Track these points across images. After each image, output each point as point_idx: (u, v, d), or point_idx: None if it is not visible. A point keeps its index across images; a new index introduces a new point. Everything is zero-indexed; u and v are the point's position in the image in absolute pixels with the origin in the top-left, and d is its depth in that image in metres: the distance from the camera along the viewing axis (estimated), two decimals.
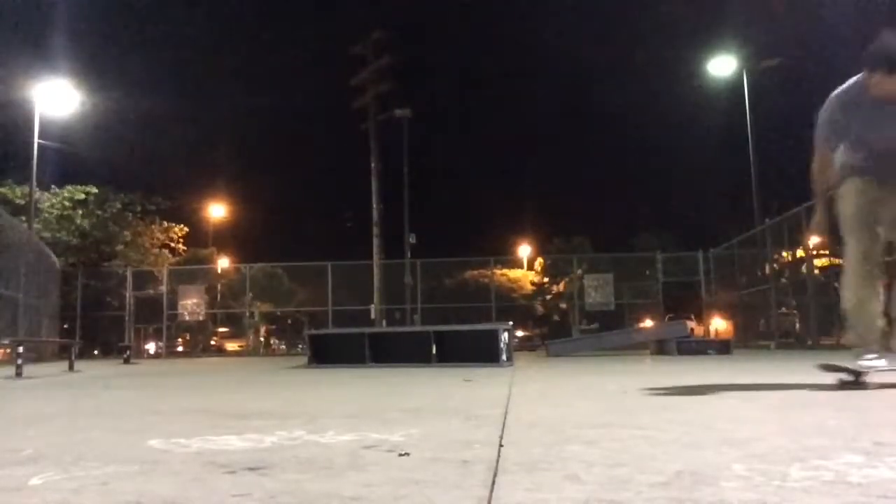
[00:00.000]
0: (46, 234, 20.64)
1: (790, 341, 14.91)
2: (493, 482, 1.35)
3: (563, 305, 26.08)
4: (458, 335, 8.97)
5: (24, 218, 18.25)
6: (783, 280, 16.22)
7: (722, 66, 21.04)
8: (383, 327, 16.97)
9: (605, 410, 2.75)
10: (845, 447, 1.66)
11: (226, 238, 39.77)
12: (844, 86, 3.71)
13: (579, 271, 23.06)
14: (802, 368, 6.13)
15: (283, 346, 30.87)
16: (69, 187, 22.35)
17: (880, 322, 3.58)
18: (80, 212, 22.31)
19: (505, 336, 8.56)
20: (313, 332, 11.81)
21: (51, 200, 21.79)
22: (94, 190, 22.72)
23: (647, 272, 22.51)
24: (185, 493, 1.32)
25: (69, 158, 22.51)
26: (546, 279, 34.35)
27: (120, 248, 23.29)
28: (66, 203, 22.07)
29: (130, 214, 23.85)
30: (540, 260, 35.55)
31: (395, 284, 21.37)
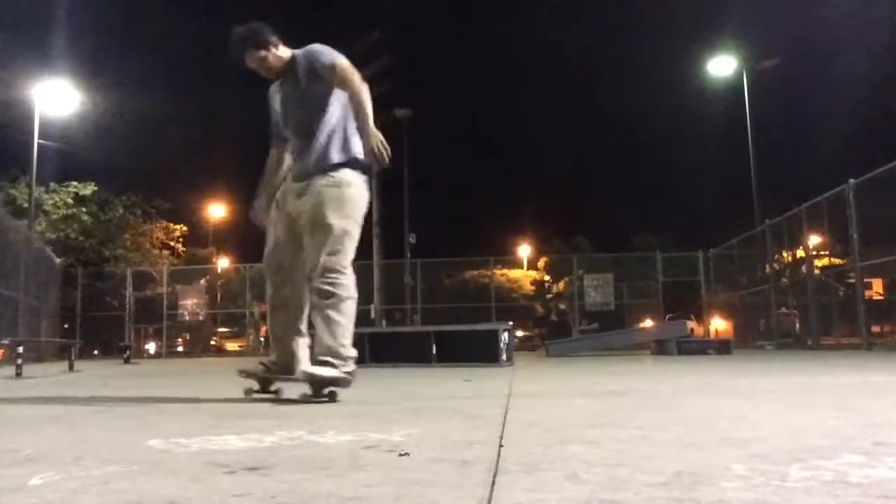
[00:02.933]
0: (51, 235, 20.64)
1: (790, 341, 14.91)
2: (493, 482, 1.35)
3: (563, 305, 26.08)
4: (458, 335, 8.97)
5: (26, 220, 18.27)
6: (783, 280, 16.22)
7: (722, 66, 21.06)
8: (383, 327, 16.96)
9: (605, 410, 2.75)
10: (845, 447, 1.66)
11: (226, 238, 39.78)
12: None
13: (580, 271, 23.06)
14: (802, 369, 6.13)
15: None
16: (74, 183, 22.39)
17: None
18: (84, 209, 22.36)
19: (505, 336, 8.56)
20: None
21: (53, 199, 21.79)
22: (94, 187, 22.77)
23: (647, 272, 22.52)
24: (185, 493, 1.32)
25: (69, 158, 22.58)
26: (548, 278, 34.37)
27: (120, 251, 23.35)
28: (69, 200, 22.09)
29: (131, 217, 23.90)
30: (544, 259, 35.58)
31: (395, 284, 21.37)
